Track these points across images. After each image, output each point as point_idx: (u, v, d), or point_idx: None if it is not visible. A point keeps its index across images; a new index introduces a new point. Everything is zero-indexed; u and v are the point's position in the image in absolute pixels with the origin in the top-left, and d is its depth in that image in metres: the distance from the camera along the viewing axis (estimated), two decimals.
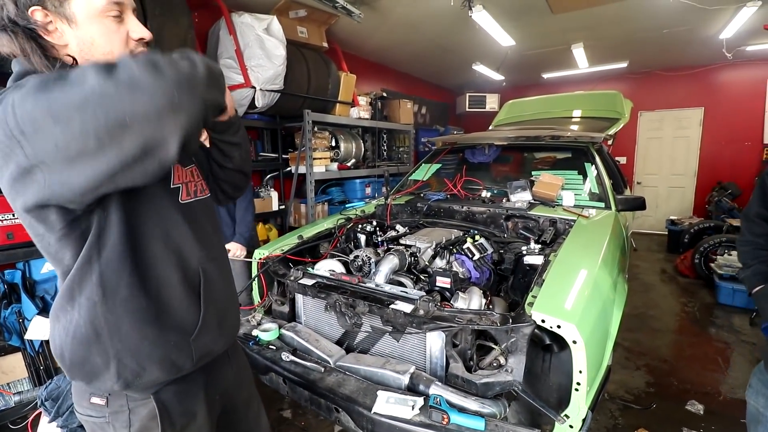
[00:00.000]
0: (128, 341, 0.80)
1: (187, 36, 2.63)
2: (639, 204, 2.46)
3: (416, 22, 4.22)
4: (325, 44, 4.01)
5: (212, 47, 3.30)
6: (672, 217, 6.03)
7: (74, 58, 0.76)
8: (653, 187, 7.14)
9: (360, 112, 4.42)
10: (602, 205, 2.43)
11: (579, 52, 5.47)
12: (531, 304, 1.31)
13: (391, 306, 1.44)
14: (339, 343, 1.73)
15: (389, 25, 4.26)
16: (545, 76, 7.17)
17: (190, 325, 0.87)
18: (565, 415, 1.26)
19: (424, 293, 1.52)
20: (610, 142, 3.89)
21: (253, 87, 3.12)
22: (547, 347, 1.44)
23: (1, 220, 2.08)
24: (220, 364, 1.00)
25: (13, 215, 2.13)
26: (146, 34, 0.82)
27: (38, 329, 2.16)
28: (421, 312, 1.38)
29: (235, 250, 2.55)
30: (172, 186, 0.88)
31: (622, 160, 7.33)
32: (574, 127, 3.89)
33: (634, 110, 6.96)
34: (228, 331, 1.00)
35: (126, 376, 0.81)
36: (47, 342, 2.29)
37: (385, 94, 5.13)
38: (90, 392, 0.84)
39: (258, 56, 3.06)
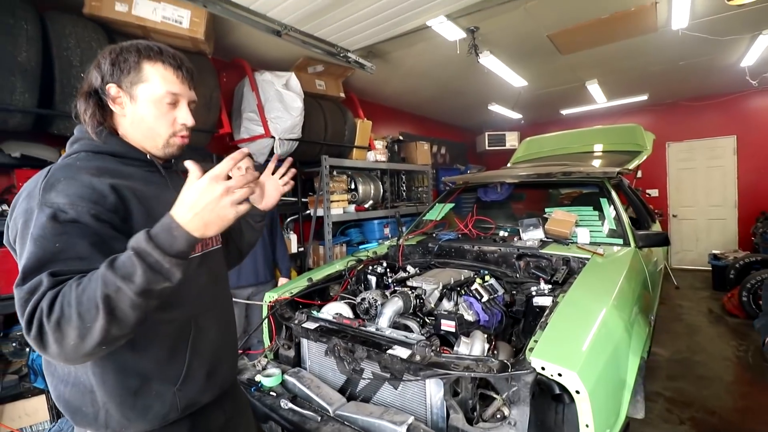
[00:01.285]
0: (113, 393, 0.84)
1: (212, 95, 2.88)
2: (661, 240, 2.33)
3: (427, 70, 4.42)
4: (342, 94, 4.25)
5: (237, 102, 3.57)
6: (714, 252, 5.62)
7: (116, 131, 0.94)
8: (691, 219, 6.76)
9: (376, 156, 4.56)
10: (620, 241, 2.33)
11: (594, 88, 5.49)
12: (532, 350, 1.24)
13: (389, 351, 1.41)
14: (342, 390, 1.69)
15: (401, 74, 4.48)
16: (564, 112, 7.19)
17: (174, 376, 0.90)
18: None
19: (424, 338, 1.48)
20: (638, 174, 3.74)
21: (273, 137, 3.32)
22: (558, 397, 1.35)
23: None
24: (209, 411, 1.00)
25: None
26: (189, 122, 0.97)
27: None
28: (418, 357, 1.34)
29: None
30: None
31: (654, 192, 7.06)
32: (596, 162, 3.83)
33: (662, 142, 6.80)
34: (219, 381, 1.01)
35: (113, 426, 0.85)
36: None
37: (401, 138, 5.29)
38: (80, 429, 0.89)
39: (277, 109, 3.28)
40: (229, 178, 0.74)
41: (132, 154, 0.94)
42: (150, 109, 0.91)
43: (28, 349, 2.24)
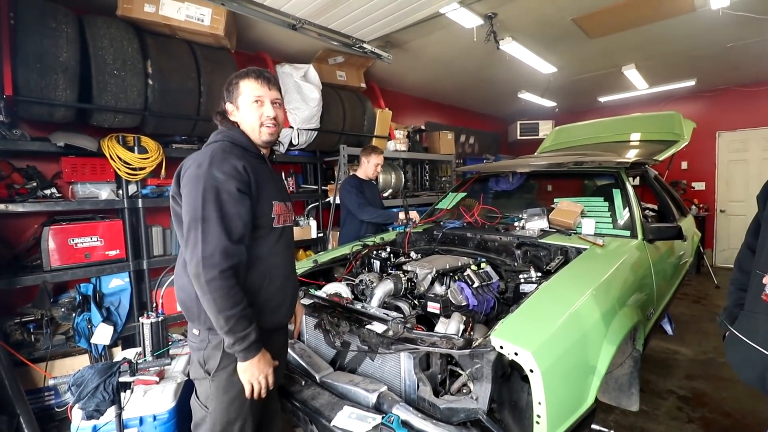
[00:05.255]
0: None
1: None
2: (673, 233, 2.25)
3: (449, 59, 4.40)
4: (363, 85, 4.34)
5: None
6: None
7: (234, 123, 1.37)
8: (741, 215, 6.25)
9: (396, 145, 4.62)
10: (627, 233, 2.27)
11: (632, 74, 5.19)
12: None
13: (367, 326, 1.51)
14: (333, 362, 1.82)
15: (423, 63, 4.49)
16: (602, 99, 6.85)
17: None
18: None
19: (402, 316, 1.57)
20: (683, 166, 3.37)
21: (292, 127, 3.49)
22: (527, 378, 1.39)
23: (81, 243, 2.56)
24: (278, 334, 1.43)
25: (91, 238, 2.61)
26: (271, 114, 1.36)
27: (102, 335, 2.57)
28: (391, 333, 1.43)
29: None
30: (272, 215, 1.35)
31: (700, 186, 6.59)
32: (627, 152, 3.67)
33: (711, 131, 6.32)
34: (280, 318, 1.40)
35: (207, 324, 1.25)
36: (109, 347, 2.69)
37: (423, 127, 5.30)
38: (193, 327, 1.32)
39: (296, 100, 3.43)
40: None
41: (252, 149, 1.36)
42: (247, 110, 1.33)
43: (74, 314, 2.57)
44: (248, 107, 1.32)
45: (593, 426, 2.36)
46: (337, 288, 2.15)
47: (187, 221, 1.18)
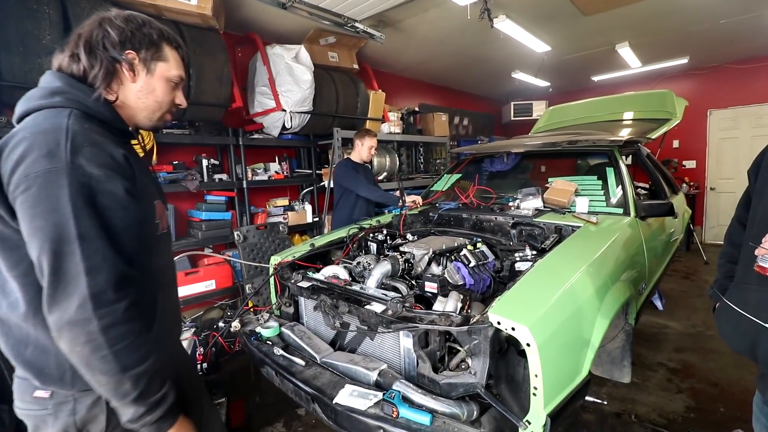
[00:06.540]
0: None
1: (223, 70, 3.00)
2: (665, 210, 2.28)
3: (443, 38, 4.32)
4: (356, 66, 4.26)
5: (251, 76, 3.69)
6: None
7: (112, 102, 0.94)
8: (730, 192, 6.34)
9: (391, 128, 4.58)
10: (620, 211, 2.30)
11: (626, 52, 5.15)
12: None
13: (366, 306, 1.54)
14: (333, 342, 1.85)
15: (416, 43, 4.41)
16: (595, 78, 6.81)
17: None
18: (527, 421, 1.25)
19: (400, 295, 1.59)
20: (674, 144, 3.39)
21: (284, 110, 3.43)
22: (524, 353, 1.43)
23: None
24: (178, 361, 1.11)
25: None
26: (184, 104, 1.09)
27: None
28: (390, 312, 1.46)
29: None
30: (156, 220, 1.01)
31: (691, 164, 6.66)
32: (621, 131, 3.68)
33: (703, 109, 6.34)
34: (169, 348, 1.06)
35: (79, 385, 0.87)
36: None
37: (417, 109, 5.25)
38: (39, 390, 0.88)
39: (287, 82, 3.37)
40: None
41: (118, 124, 0.96)
42: (163, 84, 0.99)
43: None
44: (167, 82, 1.00)
45: (587, 397, 2.46)
46: (335, 270, 2.17)
47: (46, 245, 0.76)
